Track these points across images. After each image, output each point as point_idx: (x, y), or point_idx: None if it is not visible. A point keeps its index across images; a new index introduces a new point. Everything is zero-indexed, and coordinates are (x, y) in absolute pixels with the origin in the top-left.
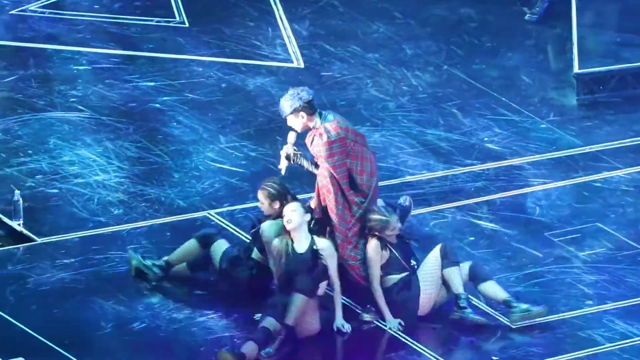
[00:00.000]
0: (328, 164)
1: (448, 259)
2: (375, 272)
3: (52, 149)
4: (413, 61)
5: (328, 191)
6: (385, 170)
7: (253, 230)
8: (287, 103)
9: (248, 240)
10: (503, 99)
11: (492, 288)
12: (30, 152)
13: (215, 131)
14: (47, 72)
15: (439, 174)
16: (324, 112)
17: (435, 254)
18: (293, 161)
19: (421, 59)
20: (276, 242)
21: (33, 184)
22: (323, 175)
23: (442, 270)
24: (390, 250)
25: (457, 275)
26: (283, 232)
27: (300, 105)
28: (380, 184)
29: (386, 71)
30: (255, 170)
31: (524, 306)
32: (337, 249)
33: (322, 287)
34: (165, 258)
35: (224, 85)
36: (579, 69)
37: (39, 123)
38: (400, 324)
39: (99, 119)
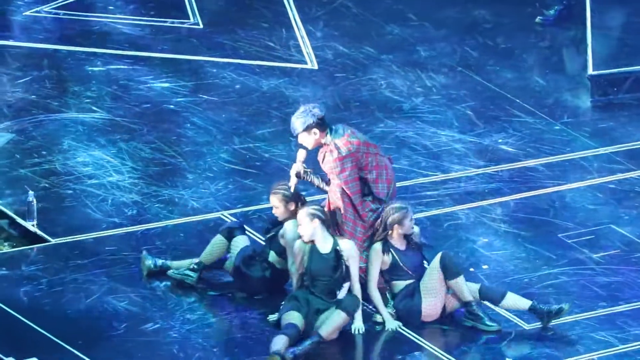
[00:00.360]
0: (340, 180)
1: (450, 271)
2: (373, 275)
3: (66, 149)
4: (427, 62)
5: (339, 208)
6: (399, 171)
7: (269, 235)
8: (300, 120)
9: (263, 243)
10: (517, 100)
11: (511, 300)
12: (44, 153)
13: (229, 132)
14: (61, 74)
15: (453, 175)
16: (334, 127)
17: (435, 265)
18: (303, 179)
19: (435, 60)
20: (299, 243)
21: (47, 185)
22: (334, 192)
23: (446, 282)
24: (393, 256)
25: (463, 284)
26: None
27: (313, 122)
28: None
29: (400, 72)
30: (269, 172)
31: (551, 307)
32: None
33: (345, 289)
34: (197, 260)
35: (238, 86)
36: (593, 70)
37: (53, 124)
38: (399, 326)
39: (113, 120)
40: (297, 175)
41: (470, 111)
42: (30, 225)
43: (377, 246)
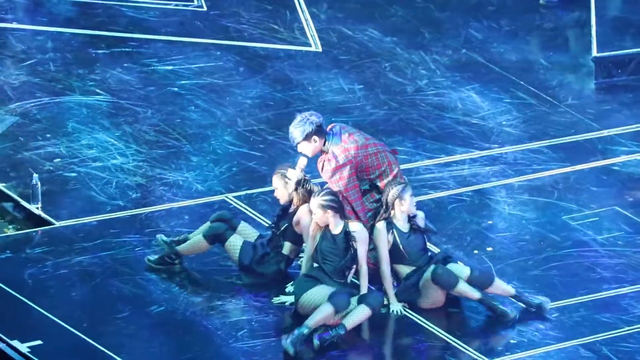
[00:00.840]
0: (339, 188)
1: (446, 284)
2: (383, 254)
3: (70, 132)
4: (431, 45)
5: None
6: (404, 153)
7: (282, 228)
8: (299, 130)
9: (270, 232)
10: (521, 82)
11: (500, 287)
12: (48, 135)
13: (233, 115)
14: (65, 56)
15: (457, 157)
16: (332, 132)
17: (429, 280)
18: (303, 186)
19: (439, 42)
20: (314, 224)
21: (51, 168)
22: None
23: (447, 293)
24: (394, 237)
25: (464, 289)
26: None
27: (312, 130)
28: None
29: (404, 55)
30: (273, 154)
31: (533, 300)
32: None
33: (351, 273)
34: (176, 248)
35: (241, 69)
36: (598, 52)
37: (58, 107)
38: (404, 306)
39: (117, 102)
40: (298, 182)
41: (475, 93)
42: (35, 208)
43: (381, 225)
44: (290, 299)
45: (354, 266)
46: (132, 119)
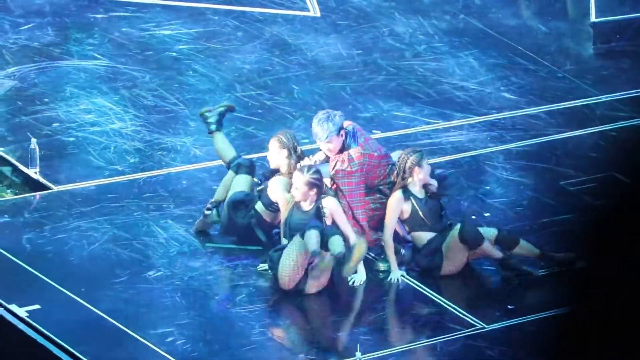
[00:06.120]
0: (344, 192)
1: (471, 242)
2: (391, 222)
3: (68, 97)
4: (430, 10)
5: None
6: (402, 119)
7: (260, 188)
8: (326, 126)
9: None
10: (519, 47)
11: (525, 247)
12: (46, 100)
13: (231, 80)
14: (63, 20)
15: (455, 123)
16: (349, 133)
17: (455, 236)
18: (297, 156)
19: (438, 7)
20: (286, 196)
21: (49, 132)
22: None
23: (470, 251)
24: (413, 205)
25: (487, 249)
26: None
27: (337, 128)
28: (397, 133)
29: (402, 20)
30: (271, 119)
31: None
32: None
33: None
34: (212, 200)
35: (240, 33)
36: (596, 17)
37: (56, 71)
38: (403, 275)
39: (116, 67)
40: (302, 170)
41: (473, 59)
42: (33, 173)
43: (398, 194)
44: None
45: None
46: (130, 83)
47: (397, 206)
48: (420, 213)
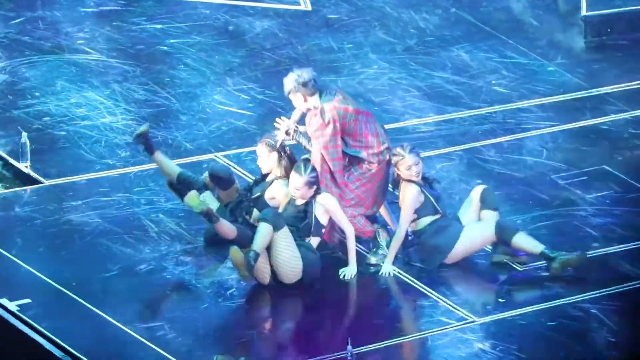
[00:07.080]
0: (319, 144)
1: (488, 203)
2: (409, 217)
3: (59, 91)
4: (421, 4)
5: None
6: (393, 112)
7: (254, 195)
8: (286, 82)
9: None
10: (511, 41)
11: (525, 240)
12: (37, 94)
13: (222, 74)
14: (54, 14)
15: (446, 116)
16: (325, 91)
17: (473, 197)
18: (292, 137)
19: (429, 1)
20: (286, 191)
21: (40, 126)
22: (315, 155)
23: (481, 211)
24: (425, 195)
25: (525, 239)
26: None
27: (295, 87)
28: (388, 126)
29: (394, 14)
30: (262, 113)
31: (564, 255)
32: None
33: (314, 243)
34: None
35: (231, 27)
36: (587, 11)
37: (46, 65)
38: (395, 270)
39: (107, 61)
40: (287, 132)
41: (464, 52)
42: (24, 167)
43: (416, 188)
44: None
45: (315, 238)
46: (121, 77)
47: (415, 202)
48: (431, 198)
